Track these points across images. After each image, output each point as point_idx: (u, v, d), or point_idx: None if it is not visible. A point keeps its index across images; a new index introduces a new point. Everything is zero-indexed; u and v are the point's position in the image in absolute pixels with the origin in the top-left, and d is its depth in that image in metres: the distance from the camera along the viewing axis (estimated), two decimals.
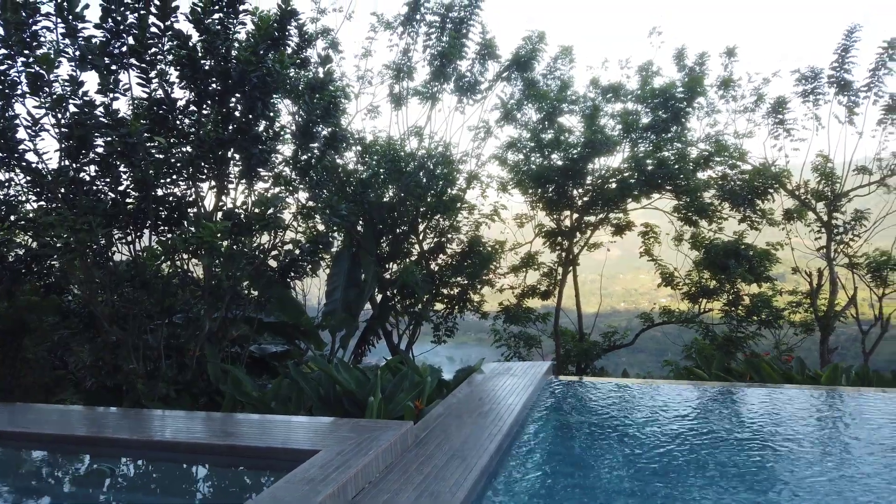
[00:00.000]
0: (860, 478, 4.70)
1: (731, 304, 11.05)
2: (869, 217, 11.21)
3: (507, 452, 5.19)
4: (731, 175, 10.90)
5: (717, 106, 11.74)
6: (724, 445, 5.55)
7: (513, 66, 10.63)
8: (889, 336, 17.43)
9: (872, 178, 11.32)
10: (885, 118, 10.95)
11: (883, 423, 6.08)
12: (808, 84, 11.19)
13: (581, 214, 11.86)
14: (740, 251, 10.41)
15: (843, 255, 11.42)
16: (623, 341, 11.91)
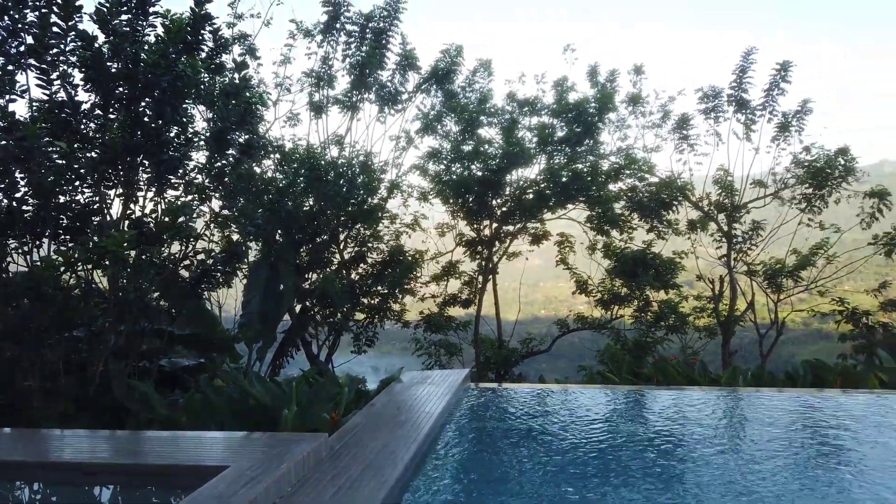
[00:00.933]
0: (756, 474, 5.02)
1: (641, 311, 11.58)
2: (765, 227, 12.02)
3: (424, 461, 5.24)
4: (640, 187, 11.43)
5: (627, 121, 12.31)
6: (634, 446, 5.81)
7: (432, 78, 10.76)
8: (784, 339, 18.65)
9: (768, 191, 12.15)
10: (778, 135, 11.78)
11: (776, 421, 6.53)
12: (710, 102, 11.91)
13: (500, 224, 12.12)
14: (647, 260, 10.91)
15: (743, 263, 12.18)
16: (540, 347, 12.23)
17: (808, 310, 12.40)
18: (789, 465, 5.22)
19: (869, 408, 6.79)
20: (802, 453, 5.50)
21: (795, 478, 4.92)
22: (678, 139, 12.11)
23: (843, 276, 12.73)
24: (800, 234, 11.99)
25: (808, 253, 11.76)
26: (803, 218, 11.60)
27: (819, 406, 6.89)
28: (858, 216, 11.33)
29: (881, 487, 4.61)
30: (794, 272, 11.79)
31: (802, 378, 8.48)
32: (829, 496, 4.54)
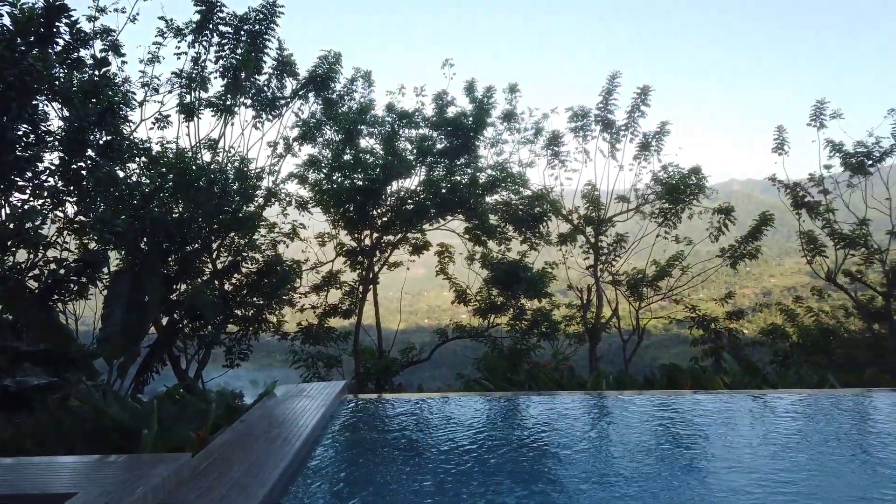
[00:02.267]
0: (620, 473, 5.36)
1: (516, 319, 12.00)
2: (627, 240, 12.90)
3: (296, 476, 5.12)
4: (515, 201, 11.87)
5: (503, 136, 12.78)
6: (507, 450, 5.99)
7: (310, 84, 10.59)
8: (648, 344, 19.82)
9: (630, 205, 13.05)
10: (639, 154, 12.69)
11: (635, 422, 7.01)
12: (579, 121, 12.64)
13: (381, 234, 12.13)
14: (521, 271, 11.32)
15: (609, 273, 13.00)
16: (420, 357, 12.33)
17: (666, 317, 13.44)
18: (648, 462, 5.61)
19: (715, 407, 7.45)
20: (659, 452, 5.93)
21: (655, 475, 5.29)
22: (550, 155, 12.74)
23: (697, 286, 13.92)
24: (659, 246, 12.97)
25: (666, 264, 12.74)
26: (661, 231, 12.54)
27: (673, 406, 7.46)
28: (708, 230, 12.44)
29: (728, 481, 5.06)
30: (654, 282, 12.75)
31: (659, 381, 9.16)
32: (684, 490, 4.93)
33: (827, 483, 4.95)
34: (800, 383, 9.02)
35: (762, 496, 4.63)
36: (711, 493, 4.83)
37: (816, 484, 4.91)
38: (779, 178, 13.78)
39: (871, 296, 13.85)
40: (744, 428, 6.60)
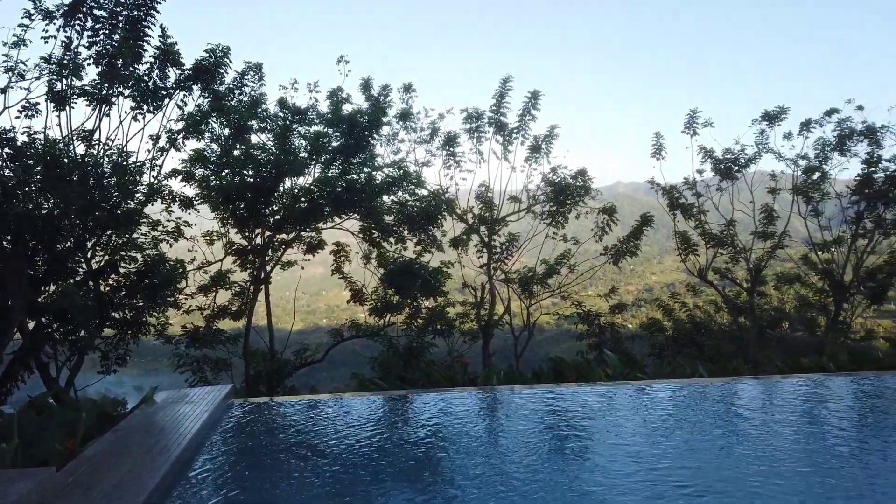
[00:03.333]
0: (511, 462, 5.51)
1: (412, 317, 12.07)
2: (519, 239, 13.31)
3: (175, 485, 4.89)
4: (410, 200, 11.92)
5: (399, 135, 12.81)
6: (399, 447, 6.02)
7: (195, 75, 10.12)
8: (542, 339, 20.33)
9: (522, 206, 13.46)
10: (530, 156, 13.12)
11: (522, 414, 7.24)
12: (473, 123, 12.89)
13: (274, 232, 11.80)
14: (415, 270, 11.38)
15: (501, 271, 13.35)
16: (314, 358, 12.12)
17: (554, 313, 13.99)
18: (536, 451, 5.82)
19: (597, 398, 7.84)
20: (545, 441, 6.16)
21: (542, 463, 5.49)
22: (446, 155, 12.91)
23: (585, 283, 14.59)
24: (549, 245, 13.48)
25: (554, 262, 13.26)
26: (550, 231, 13.03)
27: (558, 398, 7.78)
28: (593, 230, 13.06)
29: (610, 466, 5.33)
30: (543, 279, 13.23)
31: (546, 374, 9.53)
32: (569, 477, 5.15)
33: (699, 465, 5.34)
34: (673, 374, 9.68)
35: (642, 479, 4.92)
36: (594, 477, 5.08)
37: (690, 466, 5.29)
38: (657, 181, 14.74)
39: (738, 291, 15.11)
40: (623, 417, 6.99)
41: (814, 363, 9.72)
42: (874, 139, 13.83)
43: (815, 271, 14.70)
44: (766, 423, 6.61)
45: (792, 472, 4.95)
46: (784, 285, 15.39)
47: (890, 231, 13.96)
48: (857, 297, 14.50)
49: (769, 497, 4.38)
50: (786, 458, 5.31)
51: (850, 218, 14.31)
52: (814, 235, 14.82)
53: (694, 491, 4.59)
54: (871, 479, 4.77)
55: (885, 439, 5.94)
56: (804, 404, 7.49)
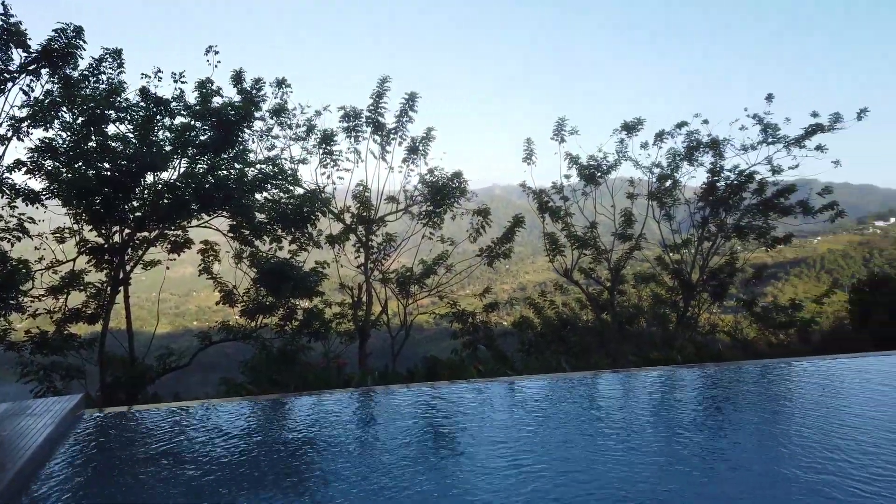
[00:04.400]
0: (386, 464, 5.53)
1: (286, 319, 11.78)
2: (397, 239, 13.40)
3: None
4: (284, 198, 11.64)
5: (275, 131, 12.45)
6: (268, 453, 5.86)
7: (43, 58, 9.26)
8: (422, 338, 20.37)
9: (400, 206, 13.55)
10: (408, 157, 13.23)
11: (396, 414, 7.30)
12: (351, 122, 12.79)
13: (134, 230, 11.04)
14: (288, 270, 11.13)
15: (379, 271, 13.37)
16: (180, 363, 11.50)
17: (431, 312, 14.22)
18: (410, 449, 5.89)
19: (469, 395, 8.07)
20: (418, 438, 6.25)
21: (416, 461, 5.56)
22: (322, 154, 12.72)
23: (463, 283, 14.94)
24: (427, 245, 13.68)
25: (431, 262, 13.48)
26: (427, 232, 13.23)
27: (431, 396, 7.92)
28: (468, 231, 13.41)
29: (483, 462, 5.50)
30: (421, 279, 13.41)
31: (420, 373, 9.66)
32: (446, 474, 5.25)
33: (566, 455, 5.64)
34: (541, 369, 10.17)
35: (514, 474, 5.13)
36: (467, 473, 5.23)
37: (558, 457, 5.57)
38: (528, 185, 15.39)
39: (601, 290, 16.12)
40: (494, 412, 7.25)
41: (664, 356, 10.60)
42: (717, 151, 15.30)
43: (667, 271, 16.01)
44: (622, 412, 7.12)
45: (647, 458, 5.37)
46: (641, 284, 16.63)
47: (730, 234, 15.50)
48: (703, 295, 15.95)
49: (630, 480, 4.72)
50: (643, 445, 5.75)
51: (696, 222, 15.73)
52: (667, 238, 16.14)
53: (562, 478, 4.86)
54: (718, 463, 5.27)
55: (724, 424, 6.59)
56: (654, 395, 8.15)
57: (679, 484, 4.63)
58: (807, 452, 5.08)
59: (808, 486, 4.24)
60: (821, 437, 5.50)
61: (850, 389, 7.60)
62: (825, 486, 4.19)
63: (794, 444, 5.38)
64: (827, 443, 5.25)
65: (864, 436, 5.39)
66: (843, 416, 6.27)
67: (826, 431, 5.67)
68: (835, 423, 6.01)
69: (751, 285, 16.80)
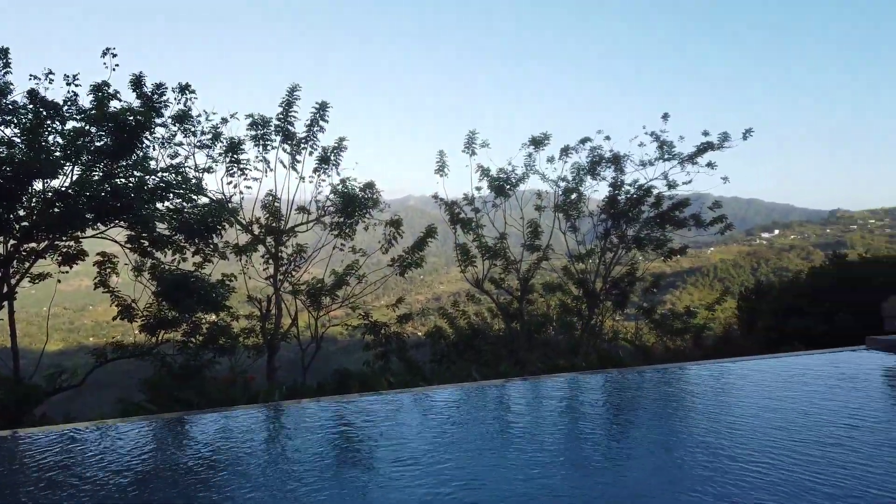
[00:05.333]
0: (296, 480, 5.40)
1: (191, 334, 11.33)
2: (307, 250, 13.19)
3: None
4: (188, 208, 11.23)
5: (178, 138, 11.99)
6: (176, 477, 5.60)
7: None
8: (336, 350, 19.97)
9: (311, 217, 13.36)
10: (319, 167, 13.07)
11: (305, 429, 7.17)
12: (259, 130, 12.51)
13: (20, 241, 10.32)
14: (189, 283, 10.74)
15: (289, 283, 13.10)
16: (72, 382, 10.80)
17: (342, 324, 14.09)
18: (317, 465, 5.79)
19: (379, 406, 8.04)
20: (330, 454, 6.17)
21: (324, 477, 5.48)
22: (229, 162, 12.36)
23: (378, 293, 14.90)
24: (339, 256, 13.55)
25: (343, 273, 13.36)
26: (337, 242, 13.11)
27: (341, 409, 7.85)
28: (380, 242, 13.40)
29: (394, 475, 5.48)
30: (332, 291, 13.25)
31: (330, 386, 9.55)
32: (353, 487, 5.20)
33: (479, 463, 5.72)
34: (452, 378, 10.28)
35: (429, 485, 5.16)
36: (379, 487, 5.22)
37: (472, 466, 5.65)
38: (441, 196, 15.60)
39: (511, 299, 16.52)
40: (405, 423, 7.27)
41: (569, 363, 10.98)
42: (618, 166, 16.10)
43: (573, 281, 16.63)
44: (527, 418, 7.33)
45: (553, 460, 5.56)
46: (549, 293, 17.19)
47: (631, 245, 16.31)
48: (606, 303, 16.67)
49: (534, 483, 4.87)
50: (551, 449, 5.94)
51: (600, 234, 16.45)
52: (573, 249, 16.78)
53: (472, 485, 4.94)
54: (617, 462, 5.53)
55: (622, 425, 6.91)
56: (558, 400, 8.43)
57: (581, 484, 4.83)
58: (699, 448, 5.44)
59: (700, 477, 4.54)
60: (710, 432, 5.89)
61: (736, 389, 8.17)
62: (714, 475, 4.50)
63: (686, 442, 5.73)
64: (715, 438, 5.64)
65: (742, 429, 5.82)
66: (729, 413, 6.74)
67: (715, 430, 6.08)
68: (722, 419, 6.45)
69: (650, 294, 17.71)
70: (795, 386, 7.94)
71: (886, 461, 4.83)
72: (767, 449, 5.21)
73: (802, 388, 7.80)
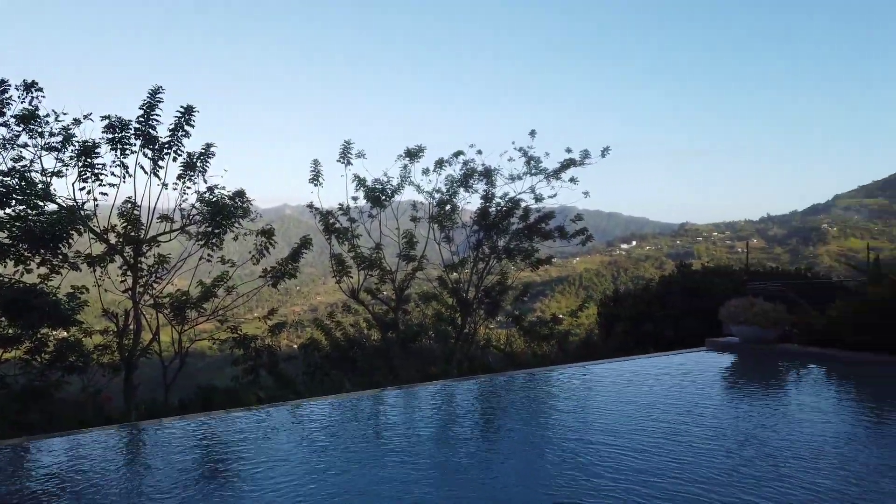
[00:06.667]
0: None
1: (35, 352, 10.35)
2: (171, 261, 12.50)
3: None
4: (32, 215, 10.30)
5: (23, 139, 10.97)
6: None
7: None
8: (203, 366, 19.03)
9: (175, 225, 12.66)
10: (184, 174, 12.45)
11: (166, 450, 6.80)
12: (117, 133, 11.71)
13: None
14: (29, 297, 9.84)
15: (149, 295, 12.33)
16: None
17: (209, 338, 13.47)
18: (177, 488, 5.51)
19: (248, 423, 7.79)
20: (190, 476, 5.88)
21: (188, 501, 5.22)
22: (82, 166, 11.47)
23: (249, 306, 14.36)
24: (207, 267, 12.93)
25: (210, 285, 12.79)
26: (204, 253, 12.54)
27: (205, 428, 7.52)
28: (250, 252, 12.98)
29: (263, 494, 5.33)
30: (199, 303, 12.64)
31: (195, 403, 9.12)
32: None
33: (357, 476, 5.69)
34: (324, 391, 10.18)
35: (292, 497, 5.06)
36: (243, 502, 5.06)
37: (348, 480, 5.60)
38: (316, 205, 15.41)
39: (387, 309, 16.60)
40: (274, 438, 7.09)
41: (441, 371, 11.25)
42: (490, 179, 16.74)
43: (447, 290, 17.01)
44: (400, 426, 7.42)
45: (428, 465, 5.67)
46: (424, 302, 17.46)
47: (501, 256, 16.98)
48: (479, 312, 17.21)
49: (406, 489, 4.95)
50: (419, 454, 6.05)
51: (472, 244, 16.99)
52: (447, 259, 17.18)
53: (345, 496, 4.93)
54: (488, 465, 5.73)
55: (490, 428, 7.19)
56: (429, 408, 8.61)
57: (453, 488, 4.98)
58: (562, 444, 5.80)
59: (564, 475, 4.84)
60: (572, 431, 6.30)
61: (593, 389, 8.77)
62: (577, 472, 4.82)
63: (550, 440, 6.09)
64: (579, 436, 6.03)
65: (603, 424, 6.28)
66: (589, 412, 7.23)
67: (576, 427, 6.50)
68: (582, 418, 6.91)
69: (520, 302, 18.51)
70: (645, 384, 8.66)
71: (715, 447, 5.45)
72: (619, 438, 5.68)
73: (650, 386, 8.53)
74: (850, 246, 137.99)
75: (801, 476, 4.62)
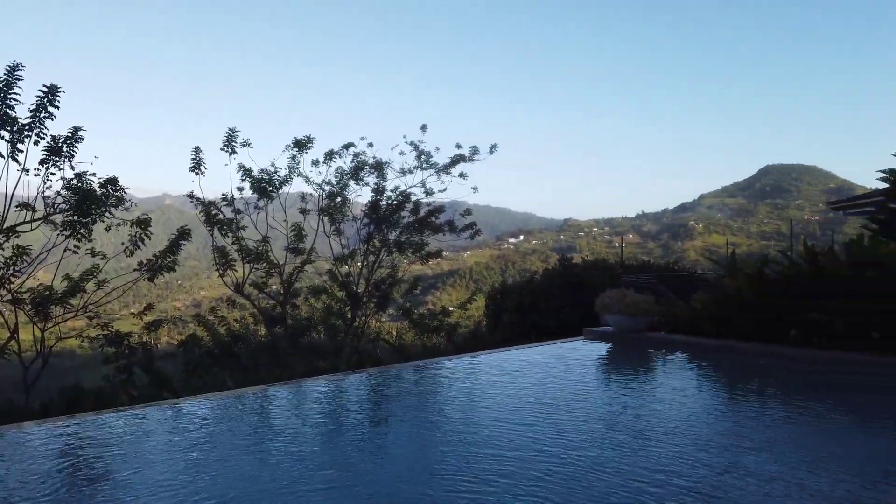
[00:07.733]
0: None
1: None
2: (32, 252, 11.49)
3: None
4: None
5: None
6: None
7: None
8: (72, 365, 17.68)
9: (37, 214, 11.65)
10: (48, 159, 11.48)
11: (27, 457, 6.28)
12: None
13: None
14: None
15: (7, 290, 11.29)
16: None
17: (77, 335, 12.53)
18: (50, 496, 5.12)
19: (120, 424, 7.34)
20: (48, 485, 5.48)
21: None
22: None
23: (126, 301, 13.47)
24: (74, 259, 12.00)
25: (79, 279, 11.90)
26: (70, 244, 11.65)
27: (69, 431, 7.02)
28: (124, 244, 12.20)
29: (132, 491, 5.03)
30: (65, 299, 11.72)
31: (57, 406, 8.48)
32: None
33: (232, 474, 5.50)
34: (203, 389, 9.78)
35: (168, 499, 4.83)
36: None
37: (226, 480, 5.40)
38: (197, 195, 14.72)
39: (274, 304, 16.18)
40: (145, 440, 6.74)
41: (330, 365, 11.14)
42: (381, 172, 16.73)
43: (337, 283, 16.84)
44: (284, 422, 7.29)
45: (312, 460, 5.60)
46: (313, 296, 17.18)
47: (392, 249, 17.03)
48: (369, 305, 17.18)
49: (295, 488, 4.88)
50: (305, 451, 5.98)
51: (363, 237, 16.92)
52: (337, 252, 17.00)
53: (226, 497, 4.78)
54: (377, 458, 5.76)
55: (378, 420, 7.22)
56: (314, 402, 8.52)
57: (342, 483, 4.97)
58: (451, 431, 5.95)
59: (454, 455, 4.99)
60: (460, 418, 6.48)
61: (477, 377, 9.04)
62: (468, 456, 4.97)
63: (440, 427, 6.23)
64: (466, 424, 6.20)
65: (492, 412, 6.51)
66: (477, 400, 7.45)
67: (463, 415, 6.68)
68: (471, 407, 7.12)
69: (412, 295, 18.66)
70: (526, 371, 9.05)
71: (590, 421, 5.82)
72: (500, 423, 5.93)
73: (531, 373, 8.93)
74: (714, 242, 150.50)
75: (664, 442, 5.08)
